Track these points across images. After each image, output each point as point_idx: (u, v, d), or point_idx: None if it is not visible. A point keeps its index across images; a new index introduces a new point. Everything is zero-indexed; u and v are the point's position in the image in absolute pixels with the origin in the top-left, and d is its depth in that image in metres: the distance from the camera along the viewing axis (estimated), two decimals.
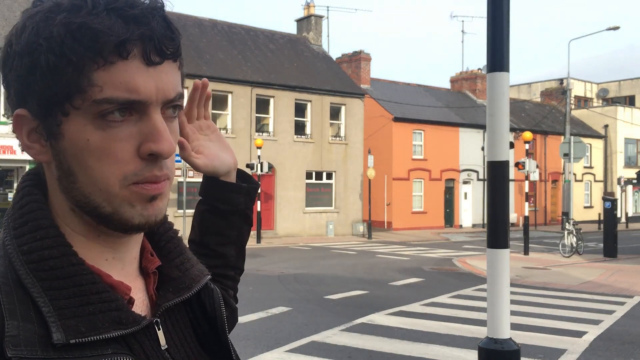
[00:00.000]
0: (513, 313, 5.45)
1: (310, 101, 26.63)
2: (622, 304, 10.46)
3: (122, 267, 0.79)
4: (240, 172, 1.11)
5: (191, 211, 22.56)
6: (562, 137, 28.89)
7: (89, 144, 0.69)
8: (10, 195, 20.03)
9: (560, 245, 18.89)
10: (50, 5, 0.69)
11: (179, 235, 0.91)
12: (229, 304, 1.04)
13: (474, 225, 33.82)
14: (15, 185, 20.06)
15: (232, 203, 1.07)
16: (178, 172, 21.80)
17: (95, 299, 0.71)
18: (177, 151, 0.84)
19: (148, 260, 0.84)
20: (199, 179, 23.21)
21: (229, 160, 1.06)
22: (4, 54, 0.72)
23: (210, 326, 0.89)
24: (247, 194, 1.09)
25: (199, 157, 1.01)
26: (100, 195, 0.71)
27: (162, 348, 0.79)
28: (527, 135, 19.85)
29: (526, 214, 19.35)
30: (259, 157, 22.69)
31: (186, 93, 0.86)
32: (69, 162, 0.71)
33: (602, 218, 22.24)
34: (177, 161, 21.19)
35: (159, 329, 0.79)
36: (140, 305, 0.80)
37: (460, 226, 33.50)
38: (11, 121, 0.74)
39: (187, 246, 0.92)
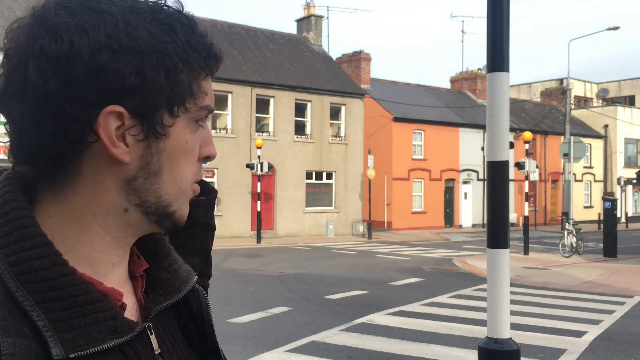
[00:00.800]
0: (513, 313, 5.45)
1: (310, 101, 26.64)
2: (622, 304, 10.46)
3: (119, 270, 0.78)
4: None
5: None
6: (562, 137, 28.90)
7: (187, 145, 0.75)
8: None
9: (560, 245, 18.89)
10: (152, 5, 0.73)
11: (164, 237, 0.89)
12: None
13: (474, 225, 33.83)
14: None
15: (192, 217, 1.05)
16: None
17: (90, 309, 0.68)
18: None
19: (135, 263, 0.82)
20: None
21: None
22: (99, 45, 0.67)
23: (197, 327, 0.88)
24: (206, 205, 1.13)
25: None
26: (176, 193, 0.76)
27: (156, 353, 0.77)
28: (527, 135, 19.87)
29: (526, 214, 19.35)
30: (259, 157, 22.69)
31: None
32: (162, 162, 0.73)
33: (602, 218, 22.24)
34: None
35: (151, 334, 0.78)
36: (131, 310, 0.78)
37: (460, 226, 33.51)
38: None
39: (170, 247, 0.90)
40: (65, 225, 0.72)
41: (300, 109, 26.54)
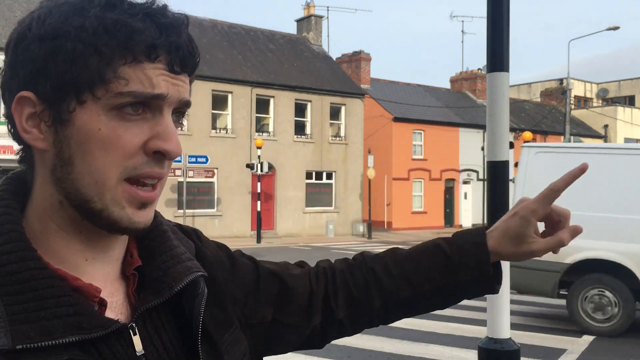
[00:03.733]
0: (513, 313, 5.45)
1: (310, 101, 26.64)
2: None
3: (103, 267, 0.77)
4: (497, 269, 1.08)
5: (191, 211, 22.62)
6: (562, 137, 28.90)
7: (100, 133, 0.70)
8: None
9: None
10: None
11: (167, 233, 0.86)
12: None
13: (474, 225, 33.78)
14: None
15: (464, 268, 1.04)
16: (178, 172, 21.79)
17: (51, 304, 0.69)
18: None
19: (127, 261, 0.81)
20: (199, 178, 23.21)
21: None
22: (19, 35, 0.72)
23: (190, 331, 0.82)
24: (481, 278, 1.06)
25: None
26: (94, 188, 0.71)
27: (138, 354, 0.75)
28: (527, 135, 19.86)
29: None
30: (259, 157, 22.69)
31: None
32: (71, 150, 0.71)
33: None
34: (176, 161, 21.20)
35: (134, 334, 0.76)
36: (120, 307, 0.78)
37: (460, 226, 33.48)
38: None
39: (176, 244, 0.86)
40: (35, 221, 0.75)
41: (300, 109, 26.54)
